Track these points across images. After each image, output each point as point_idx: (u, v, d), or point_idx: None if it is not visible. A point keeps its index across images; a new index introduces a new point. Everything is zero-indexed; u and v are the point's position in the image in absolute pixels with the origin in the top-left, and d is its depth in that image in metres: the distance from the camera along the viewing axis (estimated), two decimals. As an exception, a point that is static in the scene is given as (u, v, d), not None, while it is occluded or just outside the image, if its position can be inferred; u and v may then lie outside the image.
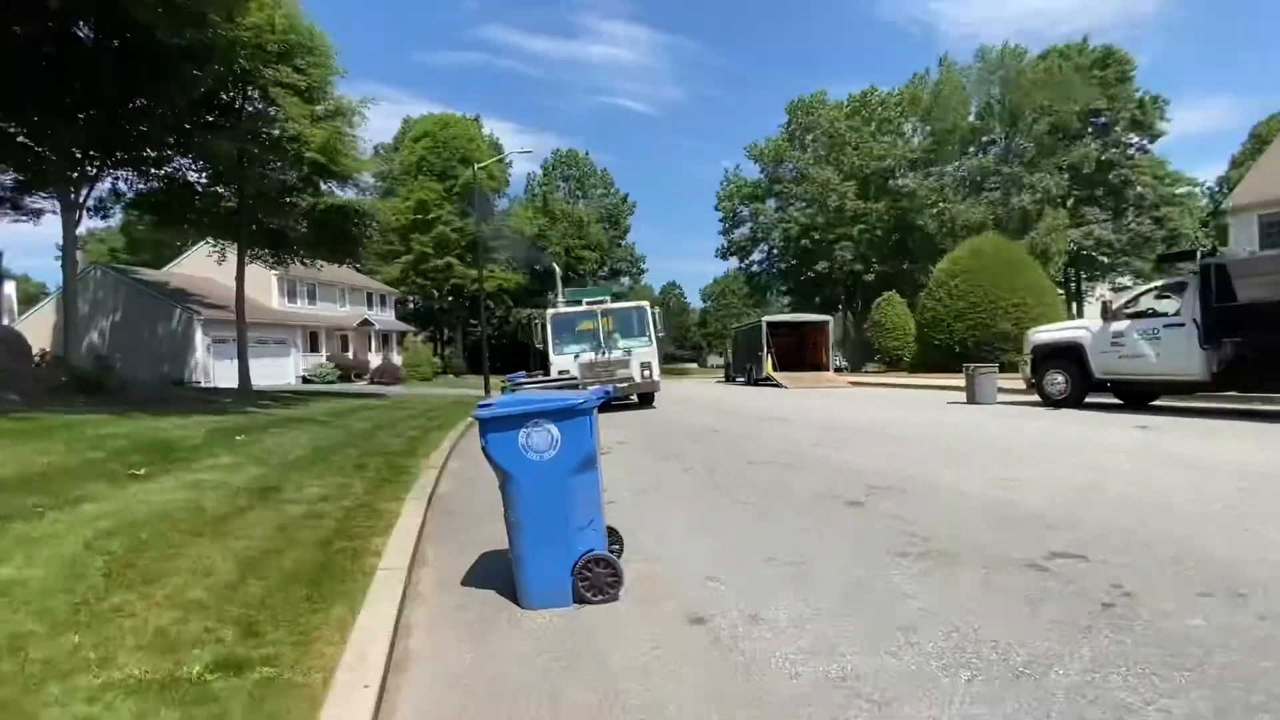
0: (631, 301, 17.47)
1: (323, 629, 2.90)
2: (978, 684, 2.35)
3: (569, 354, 14.82)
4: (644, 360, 15.06)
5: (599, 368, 14.44)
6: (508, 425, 3.28)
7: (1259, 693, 2.18)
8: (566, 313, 15.81)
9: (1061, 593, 3.06)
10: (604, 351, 14.79)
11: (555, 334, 15.14)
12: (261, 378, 26.23)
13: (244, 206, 19.46)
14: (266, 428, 9.40)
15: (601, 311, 15.44)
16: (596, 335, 14.99)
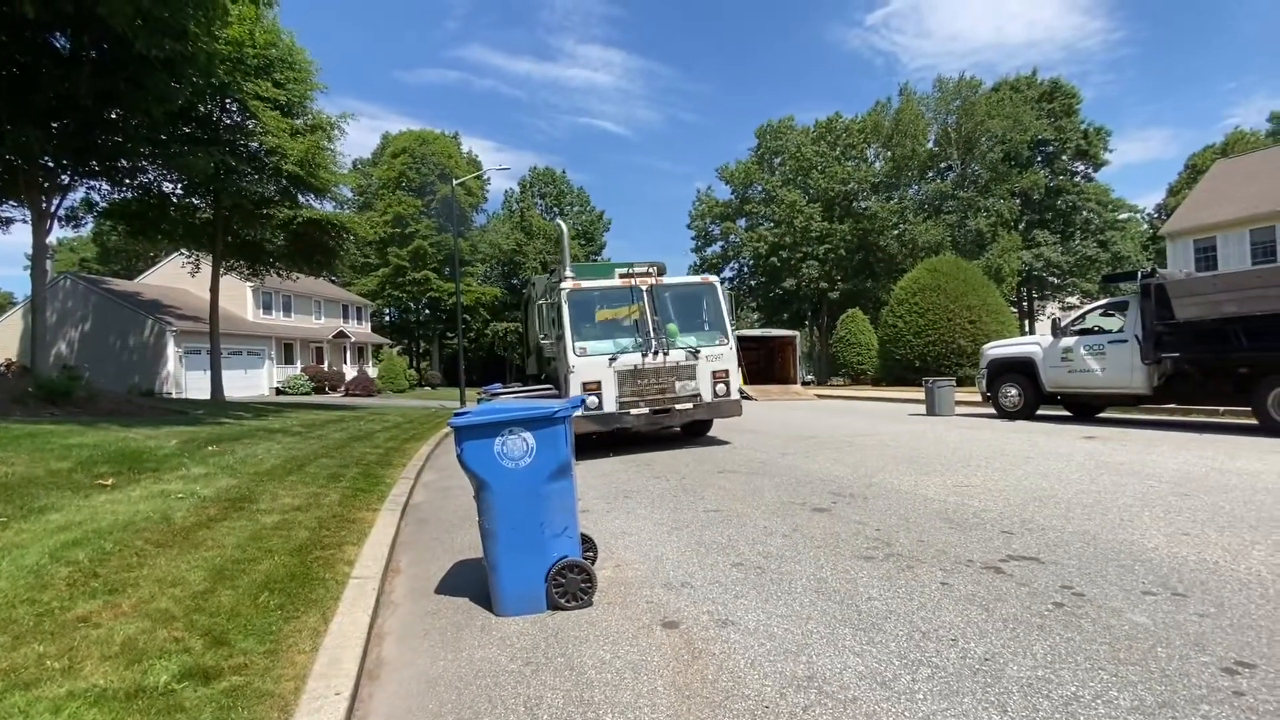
0: (692, 276, 11.35)
1: (294, 637, 2.90)
2: (938, 681, 2.44)
3: (599, 355, 8.70)
4: (719, 368, 9.04)
5: (649, 380, 8.72)
6: (483, 433, 3.33)
7: (1200, 685, 2.29)
8: (593, 288, 9.30)
9: (1016, 593, 3.17)
10: (656, 351, 8.80)
11: (576, 323, 8.90)
12: (235, 389, 25.75)
13: (220, 218, 19.23)
14: (239, 438, 9.25)
15: (649, 289, 9.14)
16: (642, 327, 8.96)
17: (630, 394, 8.60)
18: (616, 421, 8.54)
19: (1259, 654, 2.47)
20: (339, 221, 21.90)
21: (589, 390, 8.40)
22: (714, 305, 9.60)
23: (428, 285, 46.92)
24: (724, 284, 10.08)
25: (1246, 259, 23.85)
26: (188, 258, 22.27)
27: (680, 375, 8.80)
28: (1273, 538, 3.78)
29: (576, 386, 8.43)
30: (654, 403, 8.66)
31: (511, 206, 58.08)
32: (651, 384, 8.69)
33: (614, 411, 8.52)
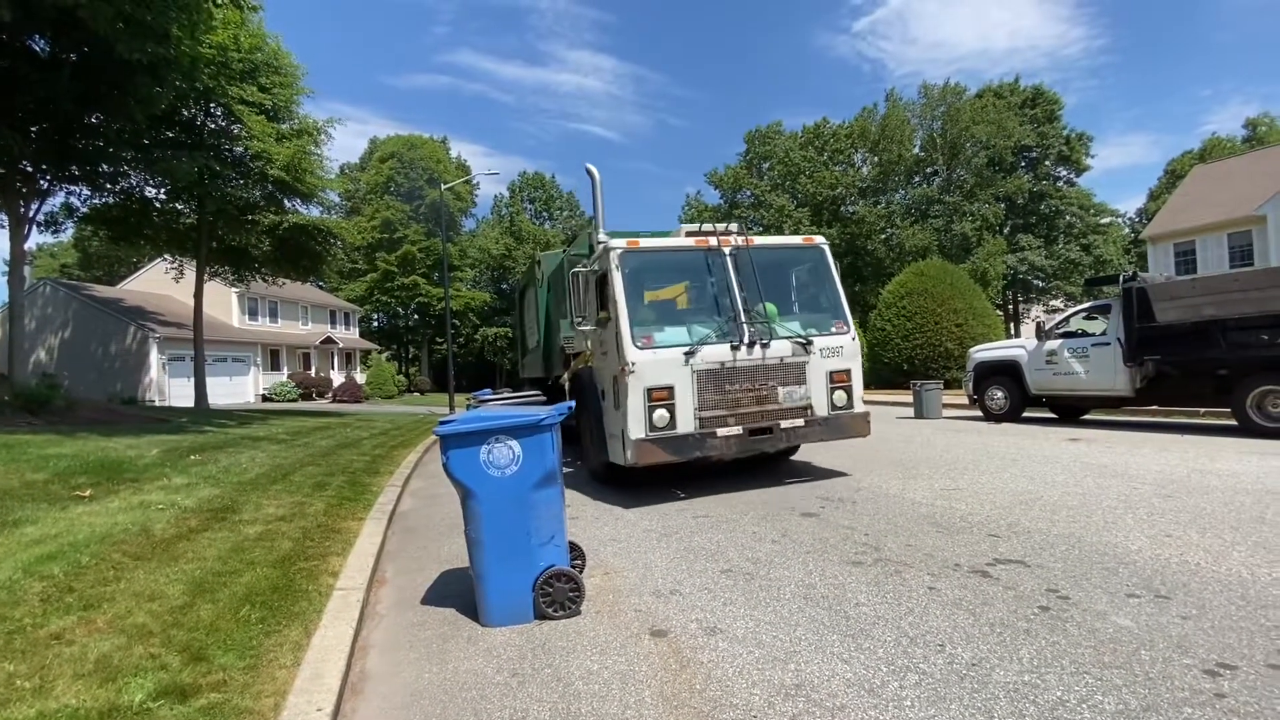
0: (789, 237, 7.90)
1: (275, 652, 2.85)
2: (925, 687, 2.44)
3: (670, 348, 5.85)
4: (839, 366, 6.33)
5: (742, 384, 5.96)
6: (469, 441, 3.30)
7: (1183, 688, 2.30)
8: (657, 248, 6.52)
9: (1003, 597, 3.18)
10: (752, 342, 6.01)
11: (633, 301, 6.04)
12: (220, 396, 25.45)
13: (204, 223, 19.02)
14: (223, 447, 9.12)
15: (732, 253, 6.36)
16: (726, 306, 6.19)
17: (716, 405, 5.70)
18: (697, 448, 5.60)
19: (1240, 655, 2.49)
20: (326, 226, 21.76)
21: (657, 401, 5.55)
22: (823, 277, 6.64)
23: (416, 290, 46.68)
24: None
25: (1225, 262, 24.27)
26: (171, 263, 22.02)
27: (785, 378, 5.93)
28: (1252, 539, 3.83)
29: (637, 395, 5.53)
30: (750, 419, 5.76)
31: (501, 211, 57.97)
32: (745, 390, 5.80)
33: (693, 433, 5.60)
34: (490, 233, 55.77)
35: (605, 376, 6.28)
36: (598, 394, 6.54)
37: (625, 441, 5.61)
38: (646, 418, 5.59)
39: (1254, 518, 4.27)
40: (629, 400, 5.57)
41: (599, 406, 6.49)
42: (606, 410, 6.31)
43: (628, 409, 5.57)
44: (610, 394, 6.09)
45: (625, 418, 5.60)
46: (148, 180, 16.85)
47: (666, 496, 6.12)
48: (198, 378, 20.38)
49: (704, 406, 5.77)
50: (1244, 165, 27.76)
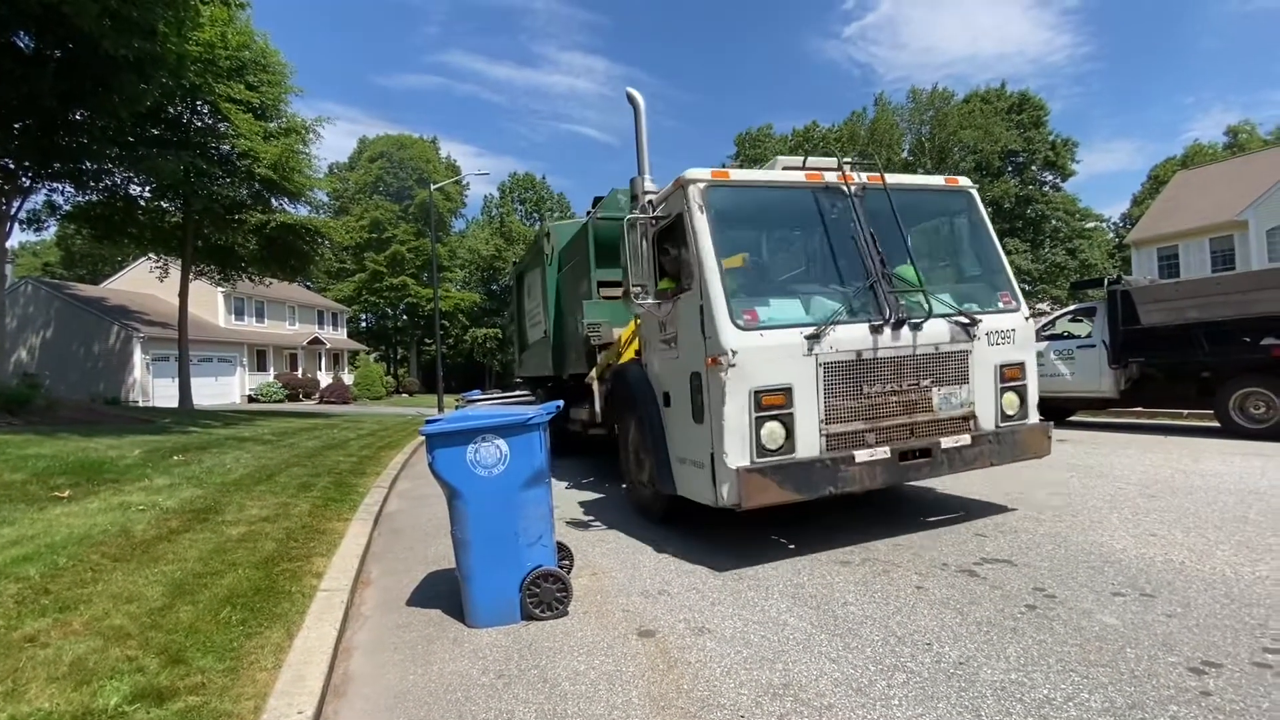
0: (926, 177, 5.12)
1: (257, 654, 2.80)
2: (913, 686, 2.43)
3: (783, 329, 3.90)
4: (1010, 358, 4.47)
5: (887, 382, 4.07)
6: (455, 441, 3.26)
7: (1168, 685, 2.31)
8: (759, 183, 4.49)
9: (990, 596, 3.19)
10: (900, 321, 4.09)
11: (727, 257, 4.07)
12: (204, 397, 25.17)
13: (190, 222, 18.80)
14: (207, 447, 9.00)
15: (858, 193, 4.45)
16: (855, 266, 4.27)
17: (851, 415, 3.97)
18: (827, 481, 3.82)
19: (1224, 653, 2.50)
20: (314, 226, 21.58)
21: (768, 408, 3.78)
22: (975, 233, 4.87)
23: (405, 291, 46.47)
24: None
25: (1207, 267, 24.64)
26: (156, 262, 21.74)
27: (942, 374, 4.20)
28: (1235, 538, 3.86)
29: (739, 400, 3.74)
30: (897, 435, 4.06)
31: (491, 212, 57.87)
32: (890, 392, 4.06)
33: (819, 457, 3.84)
34: (480, 233, 55.66)
35: (671, 373, 4.43)
36: (655, 398, 4.68)
37: (718, 471, 3.75)
38: (752, 435, 3.70)
39: (1237, 517, 4.32)
40: (726, 408, 3.69)
41: (657, 417, 4.60)
42: (674, 422, 4.39)
43: (723, 422, 3.69)
44: (683, 398, 4.21)
45: (718, 435, 3.73)
46: (132, 178, 16.64)
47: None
48: (182, 378, 20.12)
49: (834, 417, 3.90)
50: (1225, 171, 28.21)
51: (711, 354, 3.85)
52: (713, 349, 3.84)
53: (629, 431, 5.34)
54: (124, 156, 14.83)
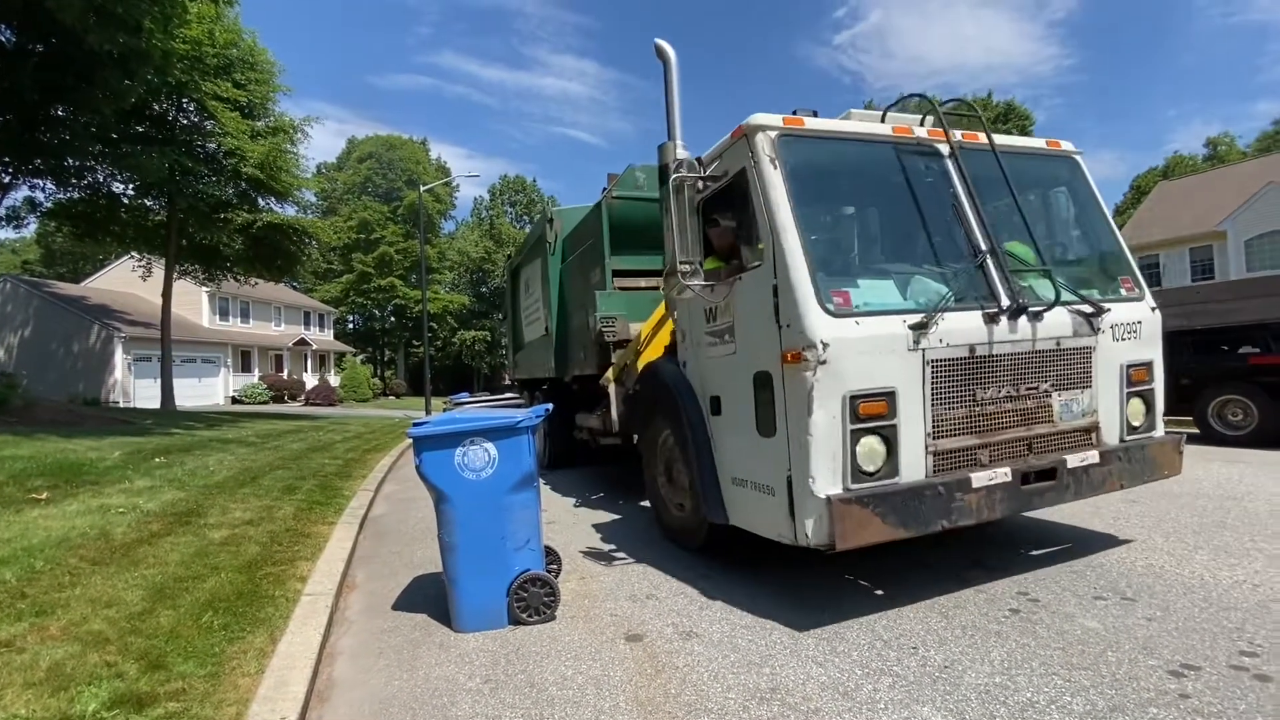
0: (1026, 139, 4.32)
1: (239, 659, 2.77)
2: (899, 690, 2.45)
3: (882, 315, 3.09)
4: (1137, 358, 3.76)
5: (1003, 385, 3.28)
6: (443, 444, 3.24)
7: (1148, 688, 2.34)
8: (840, 134, 3.55)
9: (974, 600, 3.22)
10: (1020, 309, 3.29)
11: (809, 224, 3.25)
12: (187, 398, 24.83)
13: (174, 220, 18.57)
14: (189, 449, 8.87)
15: (954, 153, 3.62)
16: (961, 241, 3.47)
17: (962, 427, 3.24)
18: (940, 513, 3.04)
19: (1203, 656, 2.54)
20: (301, 226, 21.40)
21: (867, 418, 3.00)
22: (1085, 207, 4.15)
23: (393, 292, 46.16)
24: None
25: (1187, 276, 25.08)
26: (139, 261, 21.46)
27: (1062, 375, 3.49)
28: (1213, 543, 3.93)
29: (830, 407, 2.96)
30: (1015, 452, 3.35)
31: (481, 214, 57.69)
32: (1006, 398, 3.33)
33: (928, 481, 3.08)
34: (470, 235, 55.47)
35: (724, 372, 3.63)
36: (698, 404, 3.91)
37: (799, 500, 2.98)
38: (846, 454, 2.94)
39: (1215, 523, 4.39)
40: (813, 418, 2.91)
41: (702, 427, 3.83)
42: (727, 435, 3.61)
43: (808, 436, 2.91)
44: (741, 405, 3.43)
45: (800, 453, 2.96)
46: (115, 175, 16.43)
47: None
48: (164, 379, 19.85)
49: (943, 430, 3.16)
50: (1205, 183, 28.76)
51: (791, 347, 3.02)
52: (793, 340, 3.01)
53: (659, 443, 4.52)
54: (107, 153, 14.64)
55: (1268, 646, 2.59)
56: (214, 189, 17.61)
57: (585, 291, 6.34)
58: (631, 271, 6.08)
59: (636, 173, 6.23)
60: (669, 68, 4.22)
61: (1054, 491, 3.32)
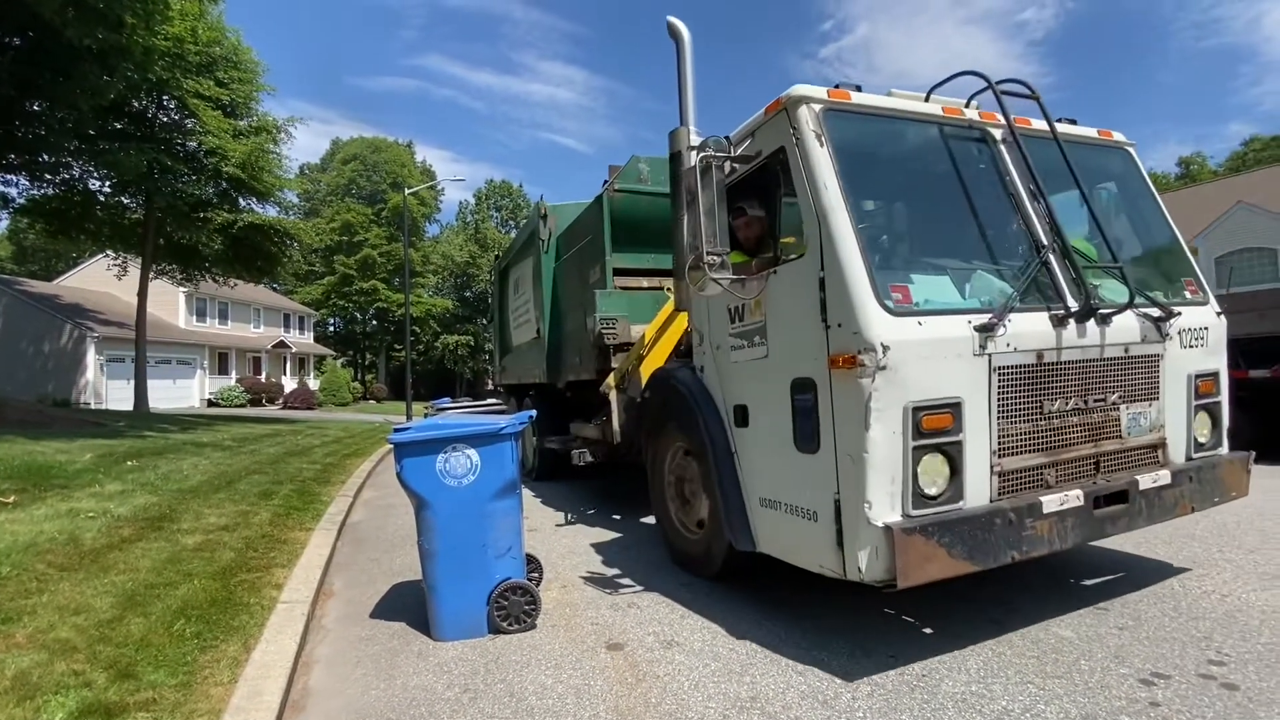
0: (1078, 127, 3.75)
1: (212, 668, 2.71)
2: (877, 698, 2.47)
3: (944, 315, 2.73)
4: (1204, 367, 3.43)
5: (1073, 395, 2.95)
6: (425, 450, 3.22)
7: (1119, 696, 2.39)
8: (890, 111, 3.19)
9: (954, 608, 3.25)
10: (1089, 311, 2.95)
11: (859, 209, 2.92)
12: (162, 400, 24.33)
13: (152, 219, 18.24)
14: (163, 452, 8.69)
15: (1010, 139, 3.25)
16: (1021, 234, 3.15)
17: (1028, 442, 2.88)
18: (1010, 543, 2.69)
19: (1173, 665, 2.60)
20: (283, 227, 21.13)
21: (930, 433, 2.62)
22: (1139, 201, 3.89)
23: (376, 295, 45.73)
24: None
25: (1159, 291, 25.66)
26: (114, 259, 21.03)
27: (1130, 385, 3.18)
28: (1184, 554, 4.02)
29: (890, 422, 2.57)
30: (1083, 471, 3.03)
31: (466, 218, 57.50)
32: (1073, 410, 2.98)
33: (996, 507, 2.71)
34: (455, 239, 55.23)
35: (753, 379, 3.28)
36: (719, 414, 3.54)
37: (850, 529, 2.63)
38: (908, 474, 2.60)
39: (1185, 534, 4.49)
40: (870, 433, 2.55)
41: (724, 440, 3.47)
42: (755, 450, 3.27)
43: (864, 454, 2.56)
44: (773, 416, 3.09)
45: (852, 474, 2.62)
46: (92, 172, 16.13)
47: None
48: (138, 380, 19.44)
49: (1009, 447, 2.83)
50: (1178, 201, 29.54)
51: (843, 350, 2.62)
52: (846, 343, 2.62)
53: (670, 458, 4.16)
54: (84, 149, 14.37)
55: (1234, 655, 2.65)
56: (194, 188, 17.35)
57: (583, 291, 5.98)
58: (633, 270, 5.77)
59: (640, 164, 5.91)
60: (682, 48, 3.94)
61: (1126, 517, 2.99)
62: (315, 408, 31.52)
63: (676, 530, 4.17)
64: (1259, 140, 48.60)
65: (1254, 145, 48.24)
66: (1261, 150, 46.14)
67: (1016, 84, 3.35)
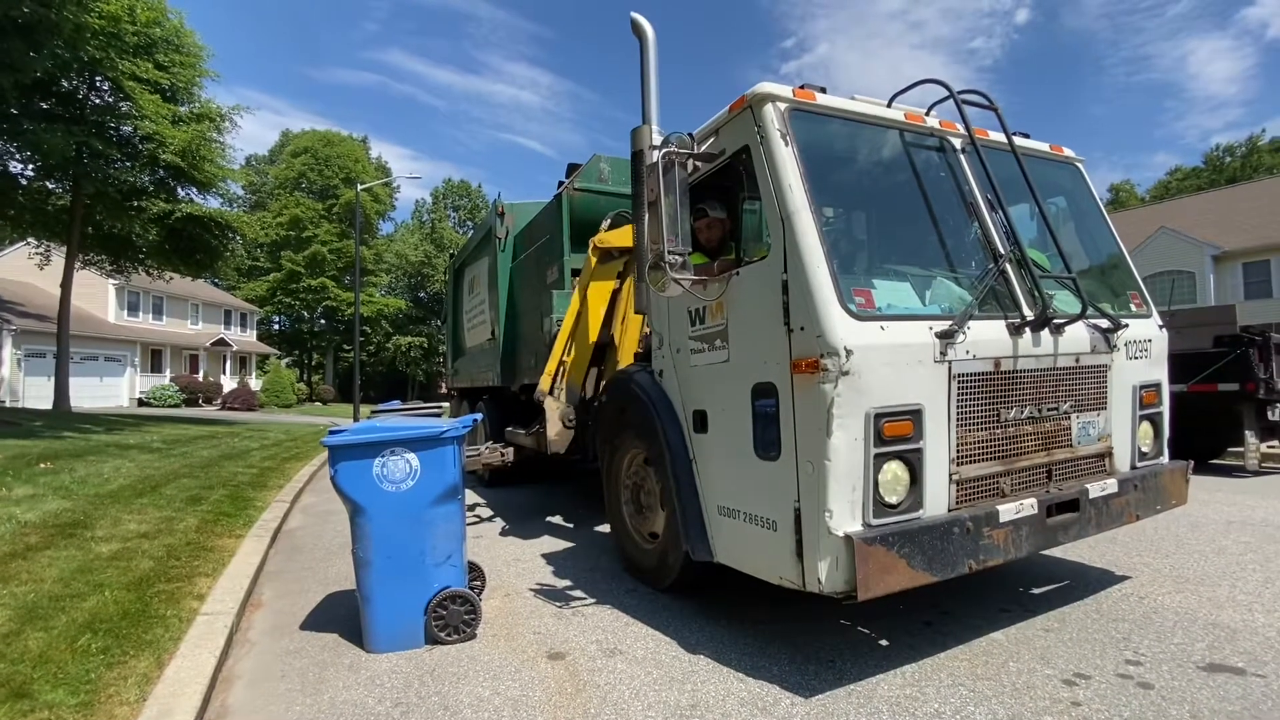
0: (1030, 141, 3.85)
1: (117, 686, 2.53)
2: (815, 704, 2.48)
3: (907, 320, 2.74)
4: (1147, 378, 3.57)
5: (1028, 404, 3.00)
6: (361, 454, 3.10)
7: (1044, 697, 2.47)
8: (855, 115, 3.16)
9: (891, 613, 3.32)
10: (1044, 320, 2.99)
11: (821, 211, 2.88)
12: (86, 399, 22.91)
13: (79, 206, 17.18)
14: (83, 454, 8.15)
15: (969, 148, 3.32)
16: (979, 242, 3.20)
17: (985, 451, 2.90)
18: (968, 552, 2.67)
19: (1093, 665, 2.70)
20: (225, 220, 20.20)
21: (892, 440, 2.60)
22: (1086, 215, 4.02)
23: (324, 294, 44.22)
24: None
25: (1090, 309, 27.08)
26: (36, 248, 19.70)
27: (1080, 395, 3.26)
28: (1106, 558, 4.21)
29: (852, 429, 2.52)
30: (1036, 480, 3.07)
31: (422, 217, 56.29)
32: (1028, 419, 3.04)
33: (955, 517, 2.69)
34: (409, 238, 53.98)
35: (713, 383, 3.21)
36: (678, 419, 3.47)
37: (810, 539, 2.57)
38: (868, 482, 2.56)
39: (1107, 539, 4.70)
40: (832, 440, 2.51)
41: (682, 447, 3.40)
42: (714, 456, 3.19)
43: (825, 461, 2.51)
44: (733, 421, 3.03)
45: (812, 482, 2.56)
46: (13, 153, 15.09)
47: (583, 513, 4.61)
48: (60, 377, 18.22)
49: (967, 455, 2.85)
50: (1106, 224, 31.28)
51: (805, 354, 2.59)
52: (808, 347, 2.57)
53: (626, 465, 4.08)
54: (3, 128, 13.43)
55: (1150, 656, 2.78)
56: (127, 175, 16.42)
57: (540, 292, 5.84)
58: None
59: (601, 164, 5.85)
60: (645, 45, 3.90)
61: (1077, 525, 3.03)
62: (257, 409, 30.21)
63: (631, 539, 4.08)
64: (1181, 170, 52.13)
65: (1177, 175, 51.70)
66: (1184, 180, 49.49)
67: (976, 94, 3.40)
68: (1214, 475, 7.47)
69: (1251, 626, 3.06)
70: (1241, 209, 27.21)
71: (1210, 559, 4.16)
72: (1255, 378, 7.18)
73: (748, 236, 3.19)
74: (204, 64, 17.91)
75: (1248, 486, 6.78)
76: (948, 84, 3.27)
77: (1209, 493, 6.34)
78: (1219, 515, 5.40)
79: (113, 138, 16.27)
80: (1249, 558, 4.17)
